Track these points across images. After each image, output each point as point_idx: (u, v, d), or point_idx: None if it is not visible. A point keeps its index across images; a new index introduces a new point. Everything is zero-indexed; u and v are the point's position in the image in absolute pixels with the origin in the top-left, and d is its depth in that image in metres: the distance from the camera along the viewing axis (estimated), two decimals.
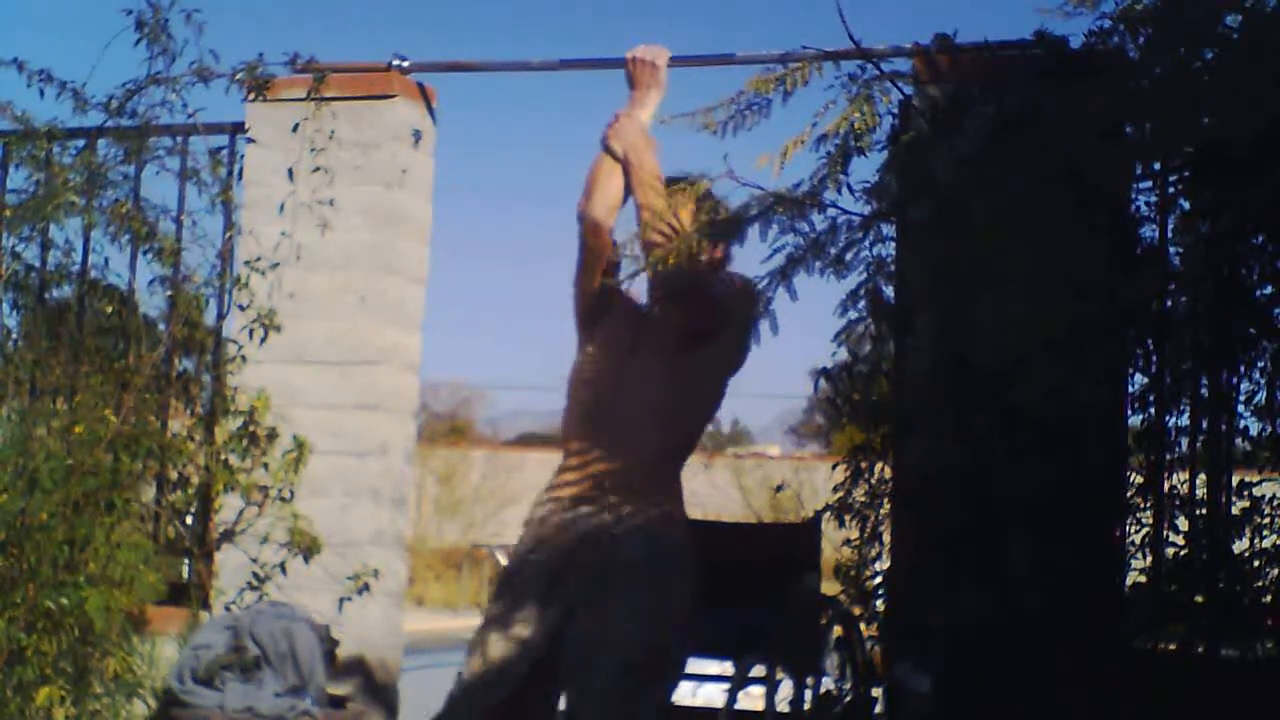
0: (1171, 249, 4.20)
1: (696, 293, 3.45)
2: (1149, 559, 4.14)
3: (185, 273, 5.01)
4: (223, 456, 4.86)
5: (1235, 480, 4.11)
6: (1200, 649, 4.06)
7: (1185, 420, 4.19)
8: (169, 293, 5.02)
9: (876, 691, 4.37)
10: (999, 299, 3.75)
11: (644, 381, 3.41)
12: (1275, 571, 4.01)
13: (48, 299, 5.26)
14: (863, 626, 4.46)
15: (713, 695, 4.67)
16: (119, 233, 5.04)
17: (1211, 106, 3.28)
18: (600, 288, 3.56)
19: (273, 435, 4.85)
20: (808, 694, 4.26)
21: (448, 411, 31.79)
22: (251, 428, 4.85)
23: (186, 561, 5.01)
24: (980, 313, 3.84)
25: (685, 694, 4.98)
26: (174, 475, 5.00)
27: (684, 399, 3.43)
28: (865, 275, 3.95)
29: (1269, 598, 4.01)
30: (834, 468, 4.56)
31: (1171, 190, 4.15)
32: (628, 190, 3.59)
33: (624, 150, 3.58)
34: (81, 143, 5.09)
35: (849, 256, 3.80)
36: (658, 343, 3.43)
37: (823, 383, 4.55)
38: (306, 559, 4.77)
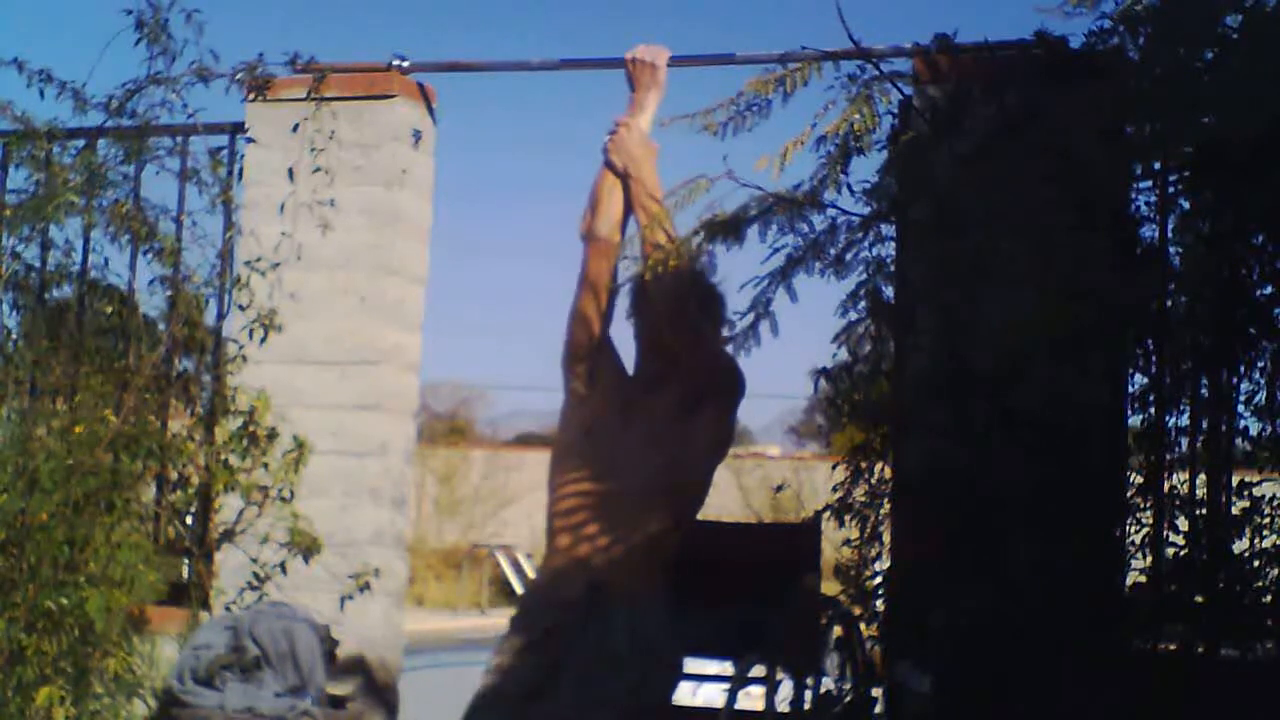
0: (1171, 249, 4.20)
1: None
2: (1149, 559, 4.14)
3: (185, 273, 5.02)
4: (223, 456, 4.86)
5: (1235, 480, 4.11)
6: (1200, 649, 4.06)
7: (1185, 420, 4.19)
8: (169, 293, 5.01)
9: (876, 691, 4.36)
10: (999, 299, 3.75)
11: (635, 459, 3.37)
12: (1275, 571, 4.01)
13: (48, 299, 5.26)
14: (863, 626, 4.45)
15: (713, 695, 4.67)
16: (119, 233, 5.04)
17: (1211, 106, 3.28)
18: (595, 324, 3.52)
19: (273, 435, 4.85)
20: (808, 694, 4.26)
21: (448, 411, 31.78)
22: (251, 428, 4.85)
23: (186, 561, 5.01)
24: (980, 313, 3.84)
25: (685, 694, 4.98)
26: (174, 475, 5.00)
27: (674, 478, 3.40)
28: (865, 275, 3.95)
29: (1269, 598, 4.01)
30: (834, 468, 4.56)
31: (1171, 190, 4.15)
32: (628, 205, 3.60)
33: (623, 164, 3.58)
34: (81, 143, 5.09)
35: (849, 257, 3.80)
36: (647, 415, 3.41)
37: (823, 383, 4.54)
38: (306, 559, 4.77)
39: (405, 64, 4.95)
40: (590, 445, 3.46)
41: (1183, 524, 4.14)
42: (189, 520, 5.02)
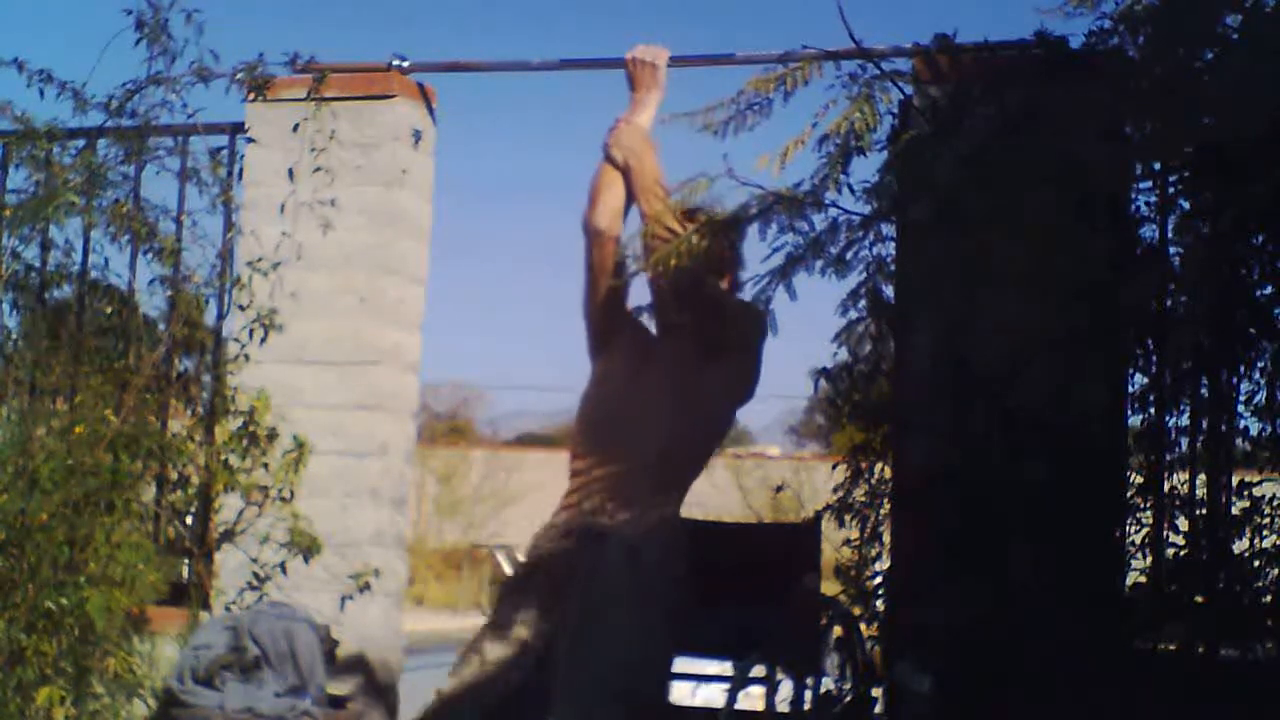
0: (1171, 249, 4.20)
1: (701, 293, 3.46)
2: (1149, 559, 4.14)
3: (185, 273, 5.02)
4: (223, 456, 4.86)
5: (1235, 480, 4.11)
6: (1200, 649, 4.06)
7: (1185, 420, 4.19)
8: (169, 293, 5.02)
9: (876, 691, 4.37)
10: (999, 299, 3.75)
11: (648, 402, 3.41)
12: (1275, 571, 4.01)
13: (48, 299, 5.26)
14: (863, 626, 4.46)
15: (713, 695, 4.67)
16: (119, 233, 5.04)
17: (1211, 106, 3.28)
18: (608, 311, 3.56)
19: (273, 435, 4.85)
20: (808, 694, 4.26)
21: (448, 411, 31.79)
22: (251, 428, 4.85)
23: (186, 561, 5.01)
24: (980, 313, 3.84)
25: (685, 694, 4.98)
26: (174, 475, 5.00)
27: (688, 419, 3.42)
28: (865, 275, 3.96)
29: (1269, 598, 4.01)
30: (834, 468, 4.56)
31: (1171, 190, 4.15)
32: (629, 197, 3.60)
33: (624, 157, 3.58)
34: (81, 143, 5.09)
35: (849, 256, 3.80)
36: (665, 364, 3.45)
37: (823, 383, 4.55)
38: (306, 559, 4.77)
39: (405, 64, 4.95)
40: (605, 394, 3.53)
41: (1183, 524, 4.15)
42: (189, 520, 5.02)
